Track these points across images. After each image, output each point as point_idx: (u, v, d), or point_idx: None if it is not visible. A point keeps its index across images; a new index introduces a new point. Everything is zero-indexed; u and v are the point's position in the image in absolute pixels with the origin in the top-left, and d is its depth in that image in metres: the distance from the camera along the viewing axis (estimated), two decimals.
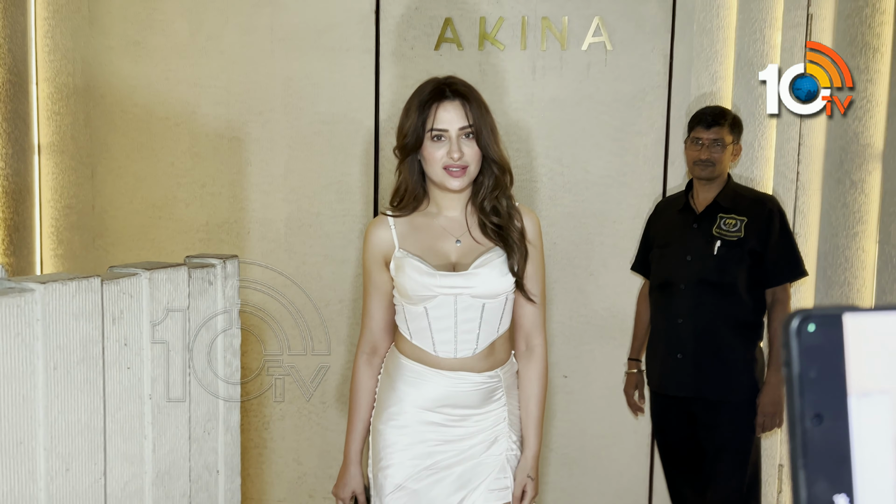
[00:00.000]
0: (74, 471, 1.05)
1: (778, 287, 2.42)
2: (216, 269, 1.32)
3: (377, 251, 1.78)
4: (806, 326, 0.45)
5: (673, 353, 2.48)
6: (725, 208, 2.44)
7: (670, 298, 2.49)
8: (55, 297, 1.01)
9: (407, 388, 1.76)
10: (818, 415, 0.44)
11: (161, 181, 3.15)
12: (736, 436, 2.42)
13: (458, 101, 1.70)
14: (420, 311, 1.74)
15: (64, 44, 3.15)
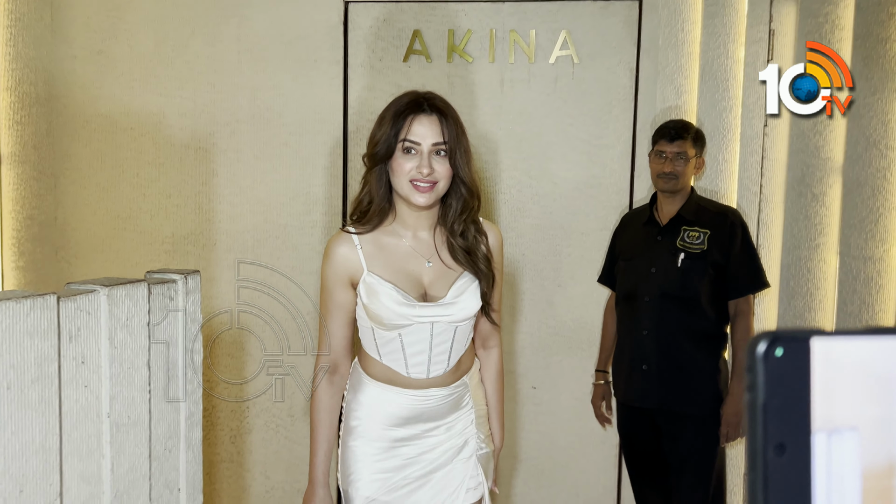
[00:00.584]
0: (28, 492, 1.02)
1: (740, 298, 2.45)
2: (177, 284, 1.30)
3: (342, 271, 1.70)
4: (773, 351, 0.43)
5: (637, 365, 2.50)
6: (689, 221, 2.47)
7: (635, 311, 2.51)
8: (9, 316, 0.98)
9: (374, 406, 1.76)
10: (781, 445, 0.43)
11: (125, 192, 3.11)
12: (700, 447, 2.45)
13: (434, 116, 1.66)
14: (393, 336, 1.71)
15: (26, 52, 3.10)
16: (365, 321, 1.74)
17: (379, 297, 1.67)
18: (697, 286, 2.41)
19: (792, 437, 0.43)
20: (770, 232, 2.71)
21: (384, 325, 1.69)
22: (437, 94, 1.73)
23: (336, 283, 1.72)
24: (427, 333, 1.71)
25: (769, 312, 2.73)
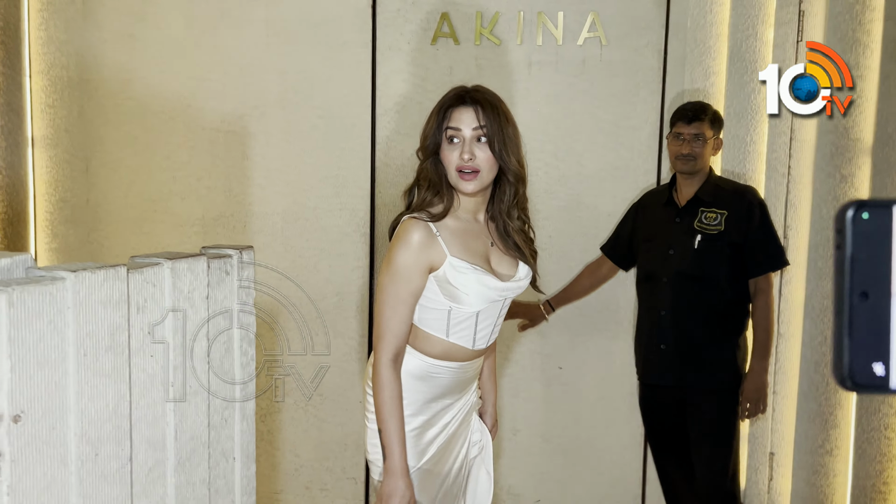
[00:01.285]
0: (103, 455, 1.06)
1: (760, 277, 2.47)
2: (233, 259, 1.33)
3: (423, 258, 1.72)
4: (861, 214, 0.51)
5: (657, 345, 2.55)
6: (706, 202, 2.49)
7: (654, 291, 2.56)
8: (85, 286, 1.02)
9: (422, 387, 1.81)
10: (864, 292, 0.51)
11: (156, 175, 3.15)
12: (718, 421, 2.49)
13: (473, 106, 1.73)
14: (471, 314, 1.78)
15: (58, 36, 3.14)
16: (441, 304, 1.76)
17: (468, 278, 1.73)
18: (715, 267, 2.45)
19: (874, 285, 0.51)
20: (798, 213, 2.72)
21: (471, 304, 1.75)
22: (484, 87, 1.79)
23: (415, 270, 1.73)
24: (497, 309, 1.83)
25: (797, 293, 2.75)
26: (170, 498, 1.21)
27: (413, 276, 1.73)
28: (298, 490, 3.16)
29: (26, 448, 0.96)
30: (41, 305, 0.96)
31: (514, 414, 3.04)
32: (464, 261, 1.73)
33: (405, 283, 1.73)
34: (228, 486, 1.36)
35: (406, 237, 1.72)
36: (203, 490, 1.28)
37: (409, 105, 2.94)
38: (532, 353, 3.01)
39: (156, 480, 1.18)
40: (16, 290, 0.93)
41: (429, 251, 1.72)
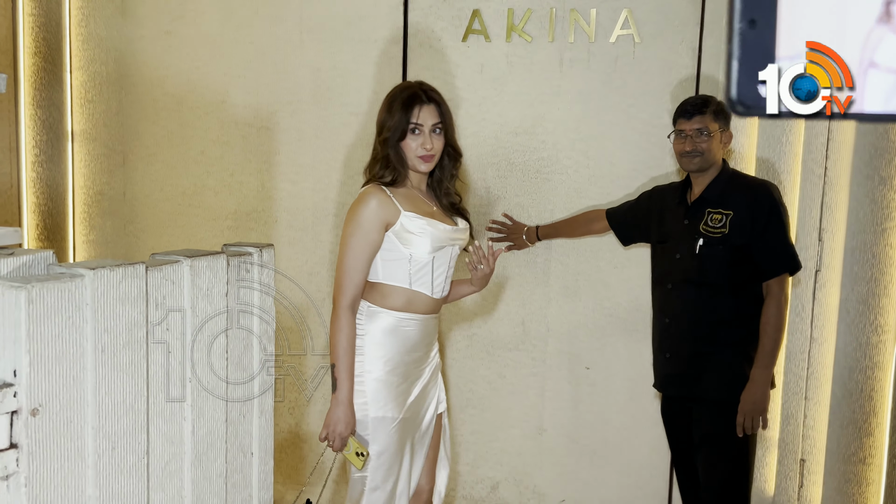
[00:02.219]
0: (120, 449, 1.09)
1: (772, 281, 2.30)
2: (253, 257, 1.35)
3: (381, 214, 2.06)
4: None
5: (662, 353, 2.48)
6: (713, 202, 2.35)
7: (661, 297, 2.49)
8: (103, 283, 1.04)
9: (393, 334, 2.12)
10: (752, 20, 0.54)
11: (191, 169, 3.20)
12: (720, 430, 2.35)
13: (431, 104, 2.12)
14: (427, 261, 2.12)
15: (97, 33, 3.20)
16: (401, 253, 2.10)
17: (422, 226, 2.09)
18: (717, 273, 2.31)
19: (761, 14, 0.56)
20: (834, 215, 2.66)
21: (427, 249, 2.10)
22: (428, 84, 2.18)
23: (374, 225, 2.06)
24: (448, 256, 2.16)
25: (831, 297, 2.69)
26: (186, 492, 1.23)
27: (371, 231, 2.06)
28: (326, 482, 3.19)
29: (44, 441, 0.99)
30: (60, 302, 0.99)
31: (540, 413, 3.03)
32: (415, 213, 2.09)
33: (364, 237, 2.06)
34: (246, 481, 1.38)
35: (366, 199, 2.07)
36: (220, 484, 1.30)
37: None
38: (560, 352, 2.99)
39: (172, 474, 1.20)
40: (35, 287, 0.95)
41: (385, 209, 2.07)
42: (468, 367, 3.05)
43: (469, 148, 2.98)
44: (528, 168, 2.95)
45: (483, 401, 3.07)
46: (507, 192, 2.98)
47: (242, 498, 1.36)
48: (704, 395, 2.37)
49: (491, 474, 3.09)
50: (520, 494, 3.08)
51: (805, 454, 2.77)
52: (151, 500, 1.16)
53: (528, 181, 2.96)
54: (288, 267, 3.12)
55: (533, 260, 2.98)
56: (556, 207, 2.93)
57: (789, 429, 2.76)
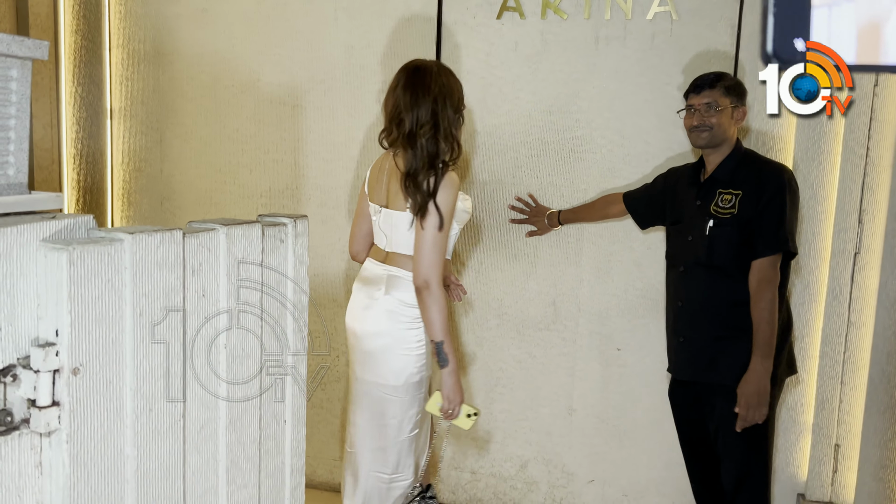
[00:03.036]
0: (157, 411, 1.11)
1: (765, 262, 2.21)
2: (287, 227, 1.36)
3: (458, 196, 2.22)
4: None
5: (676, 337, 2.46)
6: (723, 182, 2.31)
7: (673, 280, 2.47)
8: (142, 247, 1.06)
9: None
10: None
11: (226, 147, 3.24)
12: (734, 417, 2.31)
13: None
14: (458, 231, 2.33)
15: (136, 10, 3.24)
16: (455, 229, 2.28)
17: (468, 205, 2.31)
18: (726, 255, 2.27)
19: None
20: (875, 196, 2.60)
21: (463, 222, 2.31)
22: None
23: (454, 205, 2.20)
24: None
25: (870, 280, 2.64)
26: (221, 456, 1.26)
27: (453, 211, 2.20)
28: None
29: (85, 399, 1.01)
30: (99, 265, 1.01)
31: (570, 393, 3.02)
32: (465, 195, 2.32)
33: (451, 218, 2.19)
34: (279, 447, 1.40)
35: (453, 183, 2.18)
36: (253, 450, 1.33)
37: (472, 80, 2.92)
38: (591, 333, 2.98)
39: (207, 438, 1.23)
40: (76, 250, 0.97)
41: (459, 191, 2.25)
42: (498, 346, 3.06)
43: (502, 126, 2.96)
44: (562, 147, 2.93)
45: (512, 380, 3.07)
46: (539, 171, 2.96)
47: (275, 464, 1.39)
48: (719, 381, 2.34)
49: (520, 453, 3.10)
50: (549, 473, 3.08)
51: (840, 439, 2.73)
52: (187, 462, 1.18)
53: (562, 160, 2.94)
54: (320, 244, 3.14)
55: (565, 240, 2.97)
56: (590, 187, 2.91)
57: (824, 413, 2.73)
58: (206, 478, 1.23)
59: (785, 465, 2.81)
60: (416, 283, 2.14)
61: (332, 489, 3.24)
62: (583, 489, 3.06)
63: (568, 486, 3.07)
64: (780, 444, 2.80)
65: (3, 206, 1.07)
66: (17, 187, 1.11)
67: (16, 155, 1.09)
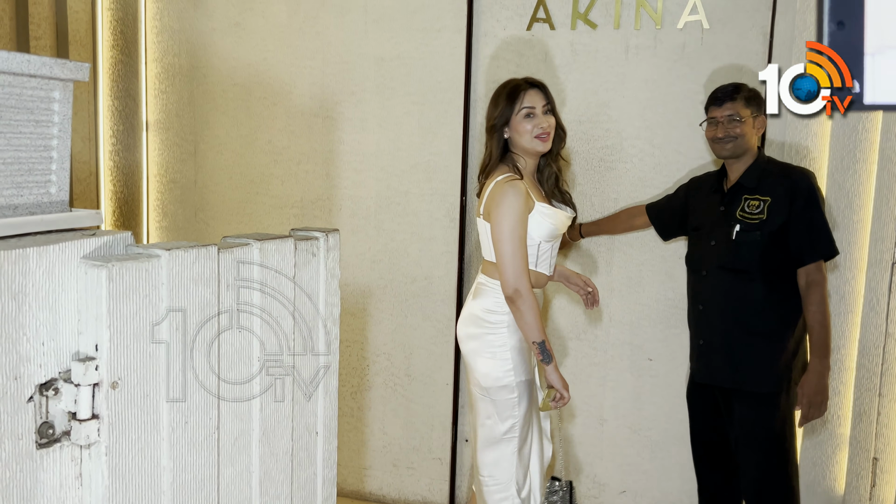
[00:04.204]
0: (192, 424, 1.13)
1: (811, 267, 2.27)
2: (319, 241, 1.38)
3: (525, 205, 2.24)
4: None
5: (696, 340, 2.49)
6: (749, 189, 2.35)
7: (696, 284, 2.50)
8: (178, 263, 1.09)
9: None
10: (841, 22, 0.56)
11: (259, 158, 3.28)
12: (755, 424, 2.35)
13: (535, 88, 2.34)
14: (549, 245, 2.35)
15: (171, 25, 3.31)
16: (533, 240, 2.29)
17: (552, 216, 2.30)
18: (752, 258, 2.30)
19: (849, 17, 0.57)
20: None
21: (555, 236, 2.33)
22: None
23: (524, 215, 2.24)
24: (559, 240, 2.40)
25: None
26: (254, 467, 1.28)
27: (522, 220, 2.24)
28: (386, 467, 3.25)
29: (123, 412, 1.03)
30: (137, 281, 1.03)
31: (601, 403, 3.01)
32: (543, 203, 2.30)
33: (521, 227, 2.24)
34: (311, 459, 1.42)
35: (515, 191, 2.23)
36: (286, 461, 1.34)
37: None
38: (622, 343, 2.96)
39: (241, 450, 1.24)
40: (115, 266, 1.00)
41: (527, 200, 2.25)
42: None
43: None
44: (592, 157, 2.93)
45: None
46: (570, 181, 2.96)
47: (307, 475, 1.40)
48: (740, 385, 2.36)
49: (551, 463, 3.09)
50: (580, 484, 3.07)
51: (878, 452, 2.68)
52: (222, 473, 1.20)
53: (592, 170, 2.93)
54: (351, 255, 3.17)
55: (596, 249, 2.96)
56: (620, 196, 2.90)
57: (861, 426, 2.68)
58: (239, 489, 1.25)
59: (821, 479, 2.76)
60: (506, 294, 2.24)
61: (363, 498, 3.26)
62: (615, 500, 3.04)
63: (599, 497, 3.05)
64: (817, 458, 2.75)
65: (45, 224, 1.10)
66: (59, 205, 1.14)
67: (57, 174, 1.12)
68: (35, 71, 1.05)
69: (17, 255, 0.95)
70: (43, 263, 0.98)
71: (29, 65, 1.04)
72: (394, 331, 3.19)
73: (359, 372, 3.25)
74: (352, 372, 3.25)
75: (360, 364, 3.24)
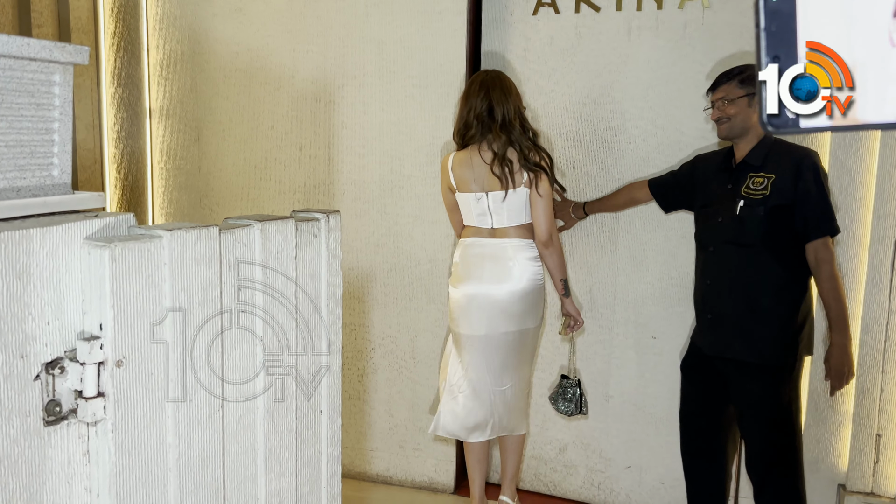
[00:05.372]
0: (196, 401, 1.15)
1: (818, 243, 2.31)
2: (320, 222, 1.39)
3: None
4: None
5: (704, 315, 2.53)
6: (755, 166, 2.39)
7: (703, 259, 2.54)
8: (180, 243, 1.10)
9: None
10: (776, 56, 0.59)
11: (262, 143, 3.29)
12: (760, 396, 2.39)
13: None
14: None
15: (172, 12, 3.31)
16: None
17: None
18: (756, 234, 2.35)
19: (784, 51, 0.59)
20: None
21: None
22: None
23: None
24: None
25: None
26: (259, 444, 1.30)
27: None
28: (393, 448, 3.27)
29: (128, 390, 1.05)
30: (140, 261, 1.05)
31: (606, 380, 3.03)
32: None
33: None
34: (315, 437, 1.44)
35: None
36: (290, 439, 1.36)
37: (511, 75, 2.93)
38: (626, 321, 2.97)
39: (246, 428, 1.26)
40: (117, 247, 1.02)
41: None
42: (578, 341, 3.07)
43: (538, 119, 2.97)
44: (596, 138, 2.93)
45: (551, 365, 3.09)
46: (574, 162, 2.96)
47: (312, 453, 1.42)
48: (744, 357, 2.40)
49: (559, 437, 3.12)
50: (587, 458, 3.09)
51: (881, 429, 2.69)
52: (227, 450, 1.22)
53: (596, 151, 2.93)
54: (355, 238, 3.18)
55: (600, 229, 2.96)
56: (624, 177, 2.90)
57: (864, 403, 2.69)
58: (244, 466, 1.27)
59: (825, 456, 2.78)
60: (544, 241, 2.64)
61: (369, 479, 3.29)
62: (620, 474, 3.06)
63: (606, 471, 3.08)
64: (820, 435, 2.76)
65: (48, 206, 1.12)
66: (62, 187, 1.15)
67: (59, 157, 1.14)
68: (35, 54, 1.06)
69: (21, 236, 0.96)
70: (46, 244, 1.00)
71: (29, 48, 1.05)
72: (398, 314, 3.21)
73: (364, 355, 3.27)
74: (357, 355, 3.27)
75: (365, 347, 3.26)
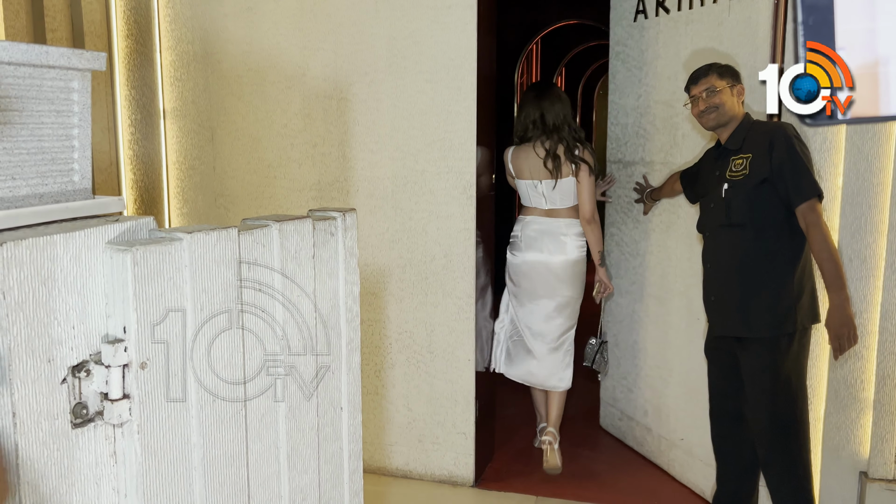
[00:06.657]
0: (220, 401, 1.16)
1: (804, 208, 2.34)
2: (337, 221, 1.40)
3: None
4: None
5: (708, 297, 2.62)
6: (735, 150, 2.48)
7: (703, 245, 2.65)
8: (200, 245, 1.11)
9: None
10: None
11: (275, 142, 3.31)
12: (761, 368, 2.44)
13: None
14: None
15: (184, 13, 3.32)
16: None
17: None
18: (741, 213, 2.43)
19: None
20: None
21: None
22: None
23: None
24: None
25: None
26: (281, 443, 1.31)
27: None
28: (411, 443, 3.29)
29: (153, 392, 1.07)
30: (161, 264, 1.06)
31: (665, 356, 3.03)
32: None
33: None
34: (336, 433, 1.45)
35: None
36: (312, 436, 1.38)
37: None
38: (682, 299, 2.98)
39: (269, 426, 1.28)
40: (139, 250, 1.03)
41: None
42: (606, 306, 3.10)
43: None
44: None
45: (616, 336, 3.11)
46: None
47: (333, 450, 1.44)
48: (741, 333, 2.48)
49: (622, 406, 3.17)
50: (631, 428, 3.10)
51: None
52: (250, 449, 1.24)
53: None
54: (370, 235, 3.20)
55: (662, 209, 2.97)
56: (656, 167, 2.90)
57: (885, 390, 2.67)
58: (268, 464, 1.28)
59: (846, 443, 2.76)
60: (588, 218, 3.08)
61: (388, 474, 3.31)
62: (672, 447, 3.06)
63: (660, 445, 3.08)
64: (841, 422, 2.75)
65: (70, 212, 1.13)
66: (83, 192, 1.17)
67: (80, 162, 1.15)
68: (53, 62, 1.07)
69: (45, 242, 0.98)
70: (70, 249, 1.01)
71: (48, 56, 1.06)
72: (415, 309, 3.22)
73: (382, 350, 3.29)
74: (375, 350, 3.29)
75: (382, 343, 3.28)
